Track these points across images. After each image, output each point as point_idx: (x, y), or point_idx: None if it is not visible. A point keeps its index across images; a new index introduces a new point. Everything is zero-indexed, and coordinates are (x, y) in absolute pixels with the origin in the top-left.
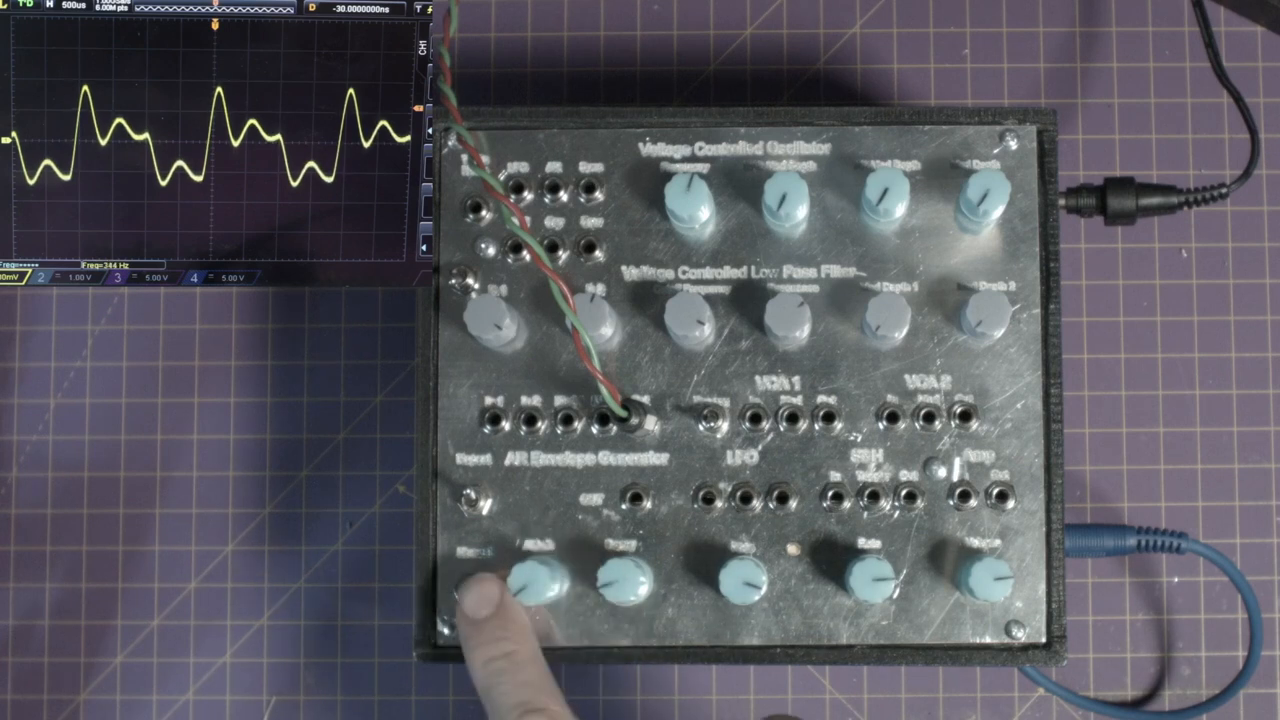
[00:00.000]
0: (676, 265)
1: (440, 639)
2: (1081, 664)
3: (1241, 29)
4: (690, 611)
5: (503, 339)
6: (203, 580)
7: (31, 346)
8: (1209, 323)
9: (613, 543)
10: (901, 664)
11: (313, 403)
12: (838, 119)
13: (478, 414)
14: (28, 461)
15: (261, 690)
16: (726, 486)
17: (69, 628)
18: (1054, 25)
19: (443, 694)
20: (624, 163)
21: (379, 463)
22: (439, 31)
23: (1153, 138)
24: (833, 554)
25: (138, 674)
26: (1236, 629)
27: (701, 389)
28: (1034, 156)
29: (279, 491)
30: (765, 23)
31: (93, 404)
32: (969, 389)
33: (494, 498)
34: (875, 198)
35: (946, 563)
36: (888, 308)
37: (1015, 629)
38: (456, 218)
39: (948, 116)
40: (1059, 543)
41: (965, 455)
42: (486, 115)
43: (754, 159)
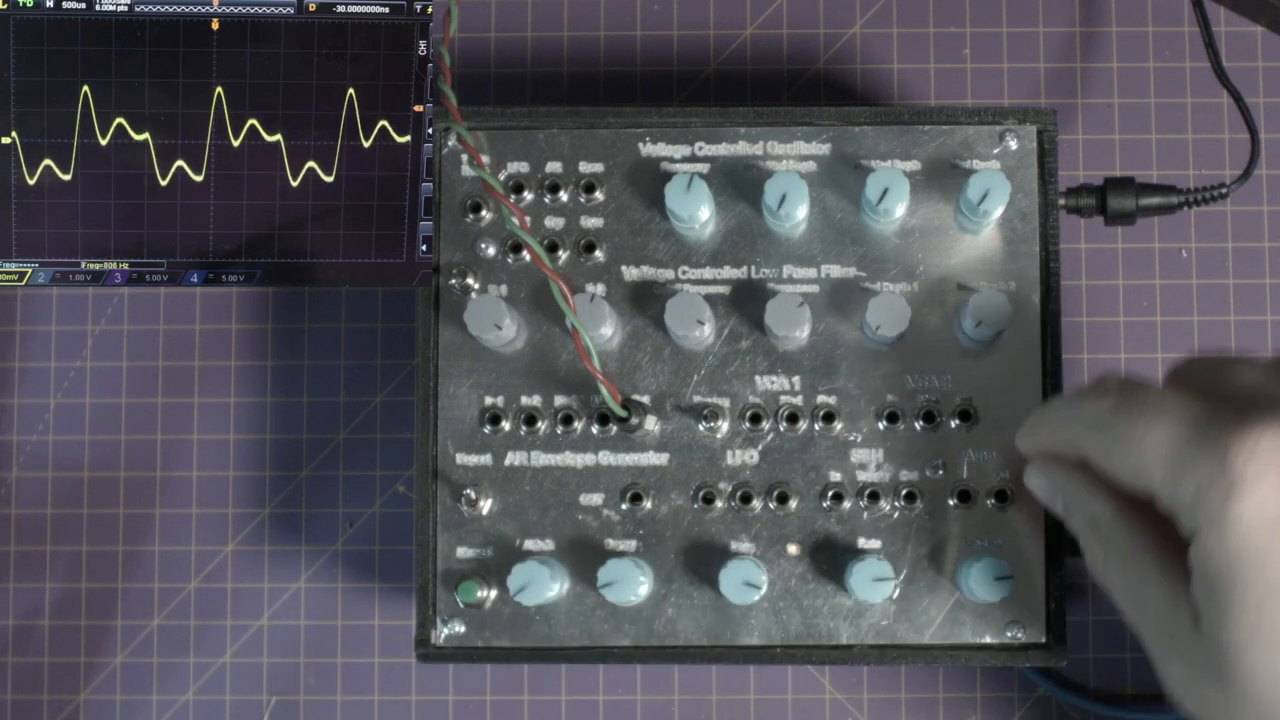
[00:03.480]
0: (676, 265)
1: (440, 639)
2: (1081, 664)
3: (1241, 29)
4: (690, 611)
5: (503, 339)
6: (203, 580)
7: (31, 346)
8: (1209, 323)
9: (613, 543)
10: (901, 664)
11: (313, 403)
12: (838, 119)
13: (478, 414)
14: (28, 461)
15: (261, 690)
16: (726, 486)
17: (69, 628)
18: (1054, 25)
19: (443, 694)
20: (624, 163)
21: (379, 463)
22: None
23: (1153, 138)
24: (833, 554)
25: (138, 674)
26: None
27: (701, 389)
28: (1034, 156)
29: (279, 491)
30: (765, 23)
31: (93, 404)
32: (969, 389)
33: (494, 498)
34: (875, 198)
35: (946, 563)
36: (888, 308)
37: (1015, 629)
38: (456, 218)
39: (948, 116)
40: (1059, 543)
41: (965, 455)
42: (486, 115)
43: (754, 159)
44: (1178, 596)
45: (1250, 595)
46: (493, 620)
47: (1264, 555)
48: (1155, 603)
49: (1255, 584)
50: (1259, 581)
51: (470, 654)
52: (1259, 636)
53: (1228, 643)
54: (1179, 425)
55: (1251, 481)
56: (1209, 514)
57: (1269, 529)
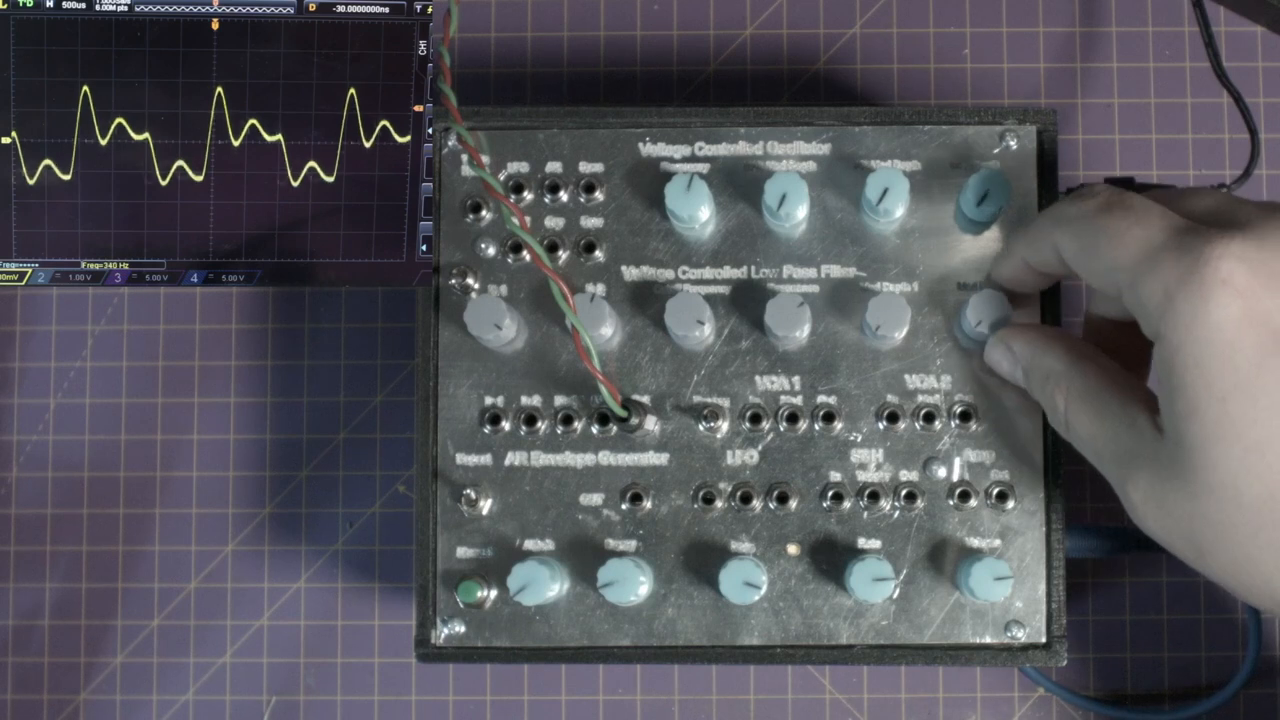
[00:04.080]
0: (676, 265)
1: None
2: (1081, 664)
3: (1241, 29)
4: (690, 611)
5: (503, 339)
6: (203, 580)
7: (31, 346)
8: None
9: (613, 543)
10: (901, 664)
11: (313, 403)
12: (838, 119)
13: (478, 414)
14: (28, 461)
15: (261, 690)
16: (726, 486)
17: (69, 628)
18: (1054, 25)
19: (443, 694)
20: (624, 163)
21: (379, 463)
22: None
23: (1153, 138)
24: (833, 554)
25: (138, 674)
26: (1236, 629)
27: (701, 389)
28: (1034, 156)
29: (279, 491)
30: (765, 23)
31: (93, 404)
32: (969, 389)
33: (494, 498)
34: (875, 198)
35: (946, 563)
36: (888, 308)
37: (1015, 629)
38: (456, 218)
39: (948, 116)
40: (1059, 543)
41: (965, 455)
42: (486, 115)
43: (754, 159)
44: (1136, 417)
45: (1216, 388)
46: (493, 620)
47: (1230, 350)
48: (1115, 428)
49: (1221, 377)
50: (1225, 375)
51: (470, 654)
52: (1223, 428)
53: (1193, 439)
54: (1158, 229)
55: (1221, 282)
56: (1175, 313)
57: (1235, 325)
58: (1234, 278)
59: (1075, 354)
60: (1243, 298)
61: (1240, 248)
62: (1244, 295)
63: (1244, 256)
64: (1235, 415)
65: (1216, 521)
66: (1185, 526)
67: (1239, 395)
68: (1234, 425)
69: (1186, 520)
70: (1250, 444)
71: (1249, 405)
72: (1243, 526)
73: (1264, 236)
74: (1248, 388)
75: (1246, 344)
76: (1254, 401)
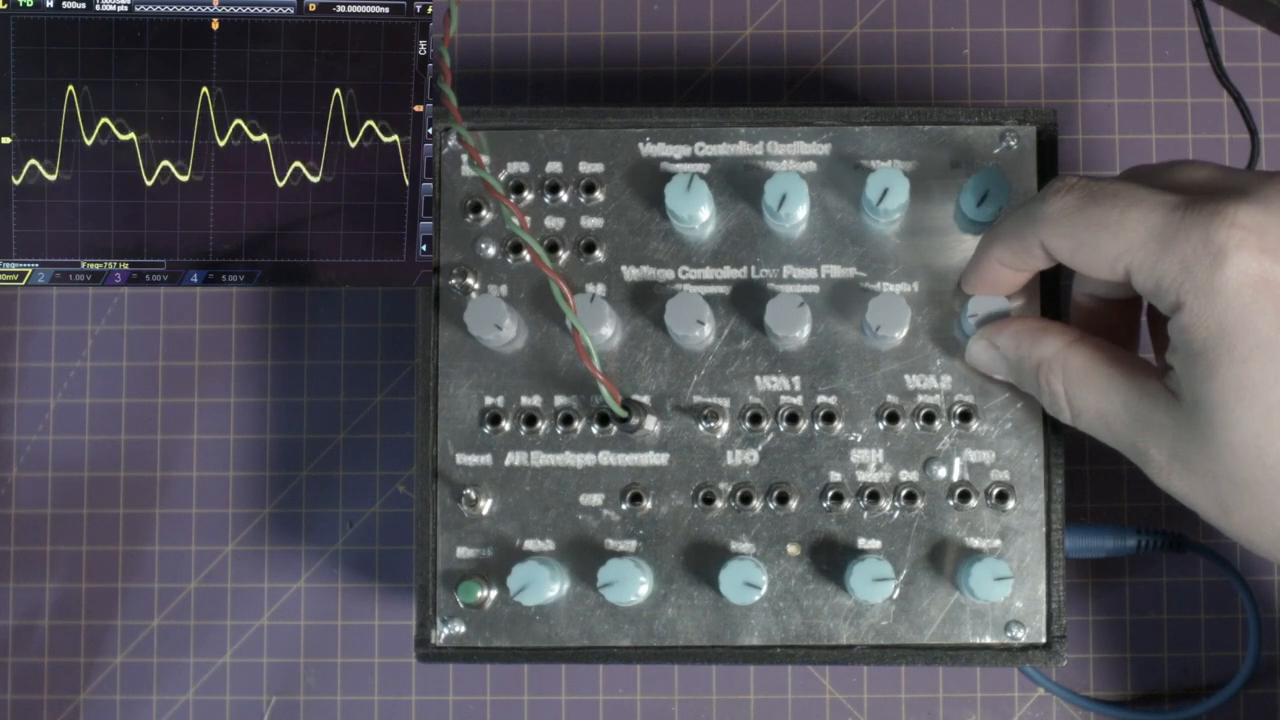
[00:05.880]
0: (676, 265)
1: (440, 639)
2: (1081, 664)
3: (1241, 29)
4: (690, 611)
5: (503, 339)
6: (203, 580)
7: (31, 346)
8: None
9: (613, 543)
10: (901, 664)
11: (313, 403)
12: (838, 119)
13: (478, 414)
14: (28, 461)
15: (261, 690)
16: (726, 486)
17: (69, 628)
18: (1054, 25)
19: (443, 694)
20: (624, 163)
21: (379, 463)
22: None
23: (1153, 138)
24: (833, 554)
25: (138, 674)
26: (1236, 629)
27: (701, 389)
28: (1034, 156)
29: (279, 491)
30: (765, 23)
31: (93, 404)
32: (969, 389)
33: (494, 498)
34: (875, 198)
35: (946, 563)
36: (888, 308)
37: (1015, 629)
38: (456, 218)
39: (948, 117)
40: (1059, 543)
41: (965, 455)
42: (486, 115)
43: (754, 159)
44: (1145, 383)
45: (1237, 350)
46: (493, 620)
47: (1249, 312)
48: (1126, 396)
49: (1242, 339)
50: (1246, 336)
51: (470, 654)
52: (1244, 389)
53: (1213, 400)
54: (1157, 209)
55: (1235, 248)
56: (1195, 284)
57: (1253, 288)
58: (1248, 242)
59: (1066, 338)
60: (1259, 261)
61: (1250, 213)
62: (1260, 259)
63: (1255, 220)
64: (1256, 376)
65: (1240, 480)
66: (1210, 485)
67: (1260, 356)
68: (1255, 386)
69: (1211, 479)
70: (1272, 403)
71: (1270, 366)
72: (1266, 484)
73: (1269, 200)
74: (1268, 348)
75: (1266, 306)
76: (1274, 362)
